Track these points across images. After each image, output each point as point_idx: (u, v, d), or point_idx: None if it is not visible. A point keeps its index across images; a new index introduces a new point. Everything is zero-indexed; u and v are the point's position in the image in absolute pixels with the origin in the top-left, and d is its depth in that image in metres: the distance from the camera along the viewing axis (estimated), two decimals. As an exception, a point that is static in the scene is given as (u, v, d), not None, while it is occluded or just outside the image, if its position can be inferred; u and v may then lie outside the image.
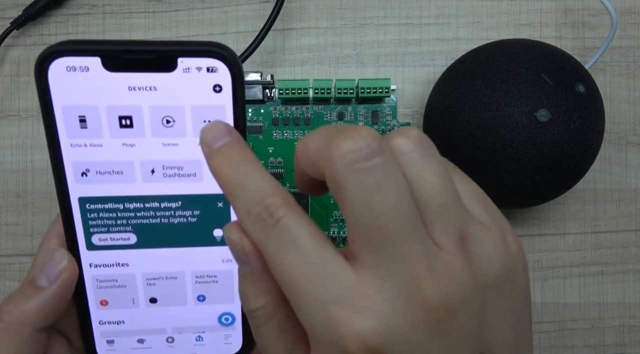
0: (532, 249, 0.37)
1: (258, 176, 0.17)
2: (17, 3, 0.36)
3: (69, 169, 0.21)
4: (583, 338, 0.37)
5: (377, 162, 0.16)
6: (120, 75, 0.20)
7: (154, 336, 0.24)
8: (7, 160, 0.36)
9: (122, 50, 0.20)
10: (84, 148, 0.21)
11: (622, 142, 0.36)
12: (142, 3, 0.36)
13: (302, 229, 0.16)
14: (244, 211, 0.17)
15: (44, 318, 0.21)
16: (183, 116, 0.21)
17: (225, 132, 0.18)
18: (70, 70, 0.20)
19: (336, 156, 0.16)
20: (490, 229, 0.18)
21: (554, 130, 0.28)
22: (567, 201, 0.37)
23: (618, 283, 0.37)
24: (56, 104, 0.20)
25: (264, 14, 0.36)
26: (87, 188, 0.22)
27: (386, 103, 0.36)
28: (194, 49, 0.20)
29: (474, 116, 0.29)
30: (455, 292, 0.16)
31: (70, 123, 0.20)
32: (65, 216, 0.22)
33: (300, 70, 0.37)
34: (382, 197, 0.16)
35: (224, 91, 0.20)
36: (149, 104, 0.20)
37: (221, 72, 0.20)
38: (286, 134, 0.36)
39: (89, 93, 0.20)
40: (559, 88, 0.28)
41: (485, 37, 0.36)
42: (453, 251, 0.16)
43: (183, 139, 0.21)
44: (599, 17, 0.36)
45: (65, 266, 0.22)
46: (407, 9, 0.36)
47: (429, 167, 0.17)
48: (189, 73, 0.20)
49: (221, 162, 0.18)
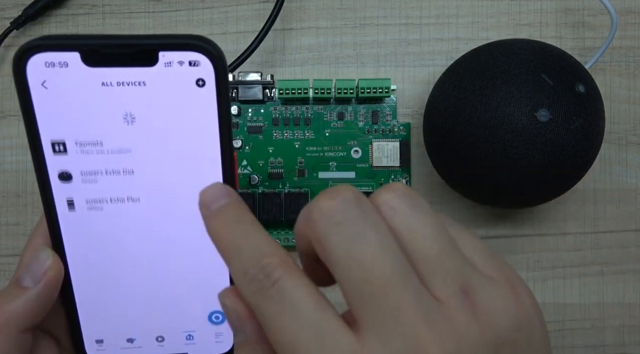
0: (532, 249, 0.37)
1: (255, 235, 0.17)
2: (17, 3, 0.36)
3: (52, 169, 0.21)
4: (583, 338, 0.37)
5: (355, 213, 0.15)
6: (100, 70, 0.19)
7: (144, 335, 0.24)
8: (7, 160, 0.36)
9: (101, 44, 0.19)
10: None
11: (622, 142, 0.36)
12: (142, 3, 0.36)
13: (301, 290, 0.16)
14: (240, 273, 0.16)
15: (29, 318, 0.21)
16: (166, 112, 0.20)
17: (224, 193, 0.18)
18: (49, 66, 0.19)
19: (315, 214, 0.16)
20: (497, 281, 0.17)
21: (554, 130, 0.28)
22: (567, 201, 0.37)
23: (618, 283, 0.37)
24: (36, 101, 0.20)
25: (264, 14, 0.36)
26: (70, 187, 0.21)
27: (386, 103, 0.36)
28: (176, 43, 0.19)
29: (474, 116, 0.29)
30: (463, 350, 0.15)
31: (50, 123, 0.20)
32: (49, 215, 0.22)
33: (300, 70, 0.37)
34: (364, 245, 0.15)
35: (207, 85, 0.20)
36: (130, 99, 0.20)
37: (204, 65, 0.20)
38: (286, 134, 0.36)
39: (69, 89, 0.20)
40: (559, 88, 0.28)
41: (485, 37, 0.36)
42: (455, 304, 0.15)
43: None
44: (599, 17, 0.36)
45: (50, 265, 0.21)
46: (407, 9, 0.36)
47: (419, 218, 0.16)
48: (171, 67, 0.20)
49: (219, 224, 0.17)
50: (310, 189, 0.36)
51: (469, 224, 0.37)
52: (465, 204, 0.37)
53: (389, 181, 0.36)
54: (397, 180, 0.36)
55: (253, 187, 0.36)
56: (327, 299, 0.16)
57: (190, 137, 0.21)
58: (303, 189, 0.36)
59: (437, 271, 0.16)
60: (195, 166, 0.21)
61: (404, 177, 0.36)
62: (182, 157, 0.21)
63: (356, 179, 0.36)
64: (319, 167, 0.36)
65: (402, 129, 0.36)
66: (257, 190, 0.36)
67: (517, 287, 0.17)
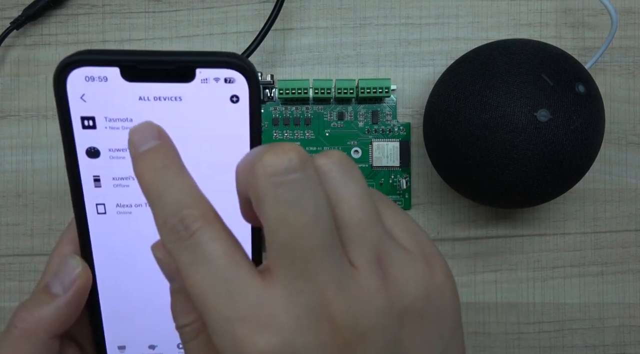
0: (532, 249, 0.37)
1: (178, 185, 0.17)
2: (17, 3, 0.36)
3: (85, 174, 0.21)
4: (583, 338, 0.37)
5: (297, 176, 0.15)
6: (139, 85, 0.20)
7: (165, 342, 0.24)
8: (7, 160, 0.36)
9: (140, 60, 0.20)
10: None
11: (622, 142, 0.36)
12: (142, 3, 0.36)
13: (216, 244, 0.16)
14: (161, 222, 0.17)
15: (58, 325, 0.21)
16: (200, 126, 0.21)
17: (155, 134, 0.18)
18: (89, 80, 0.20)
19: (258, 168, 0.16)
20: (412, 254, 0.17)
21: (554, 130, 0.28)
22: (567, 201, 0.37)
23: (618, 283, 0.37)
24: (74, 114, 0.20)
25: (264, 14, 0.36)
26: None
27: (386, 103, 0.36)
28: (213, 60, 0.20)
29: (474, 116, 0.29)
30: (366, 314, 0.16)
31: (87, 133, 0.20)
32: (80, 223, 0.22)
33: (300, 70, 0.37)
34: (299, 212, 0.15)
35: (241, 101, 0.20)
36: (167, 114, 0.20)
37: (239, 83, 0.20)
38: (286, 134, 0.36)
39: (107, 103, 0.20)
40: (559, 88, 0.28)
41: (485, 37, 0.36)
42: (367, 271, 0.16)
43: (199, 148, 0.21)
44: (599, 17, 0.36)
45: (79, 273, 0.22)
46: (407, 9, 0.36)
47: (348, 187, 0.17)
48: (207, 83, 0.20)
49: (144, 168, 0.17)
50: (310, 189, 0.36)
51: (469, 224, 0.37)
52: (465, 204, 0.37)
53: (389, 181, 0.36)
54: (397, 180, 0.36)
55: (253, 187, 0.36)
56: (243, 253, 0.16)
57: (222, 150, 0.21)
58: (303, 189, 0.36)
59: (356, 239, 0.16)
60: (225, 178, 0.22)
61: (404, 177, 0.36)
62: (213, 168, 0.21)
63: (356, 179, 0.36)
64: (319, 167, 0.36)
65: (402, 129, 0.36)
66: (257, 190, 0.36)
67: (432, 260, 0.18)
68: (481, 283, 0.37)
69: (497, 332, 0.37)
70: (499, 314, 0.37)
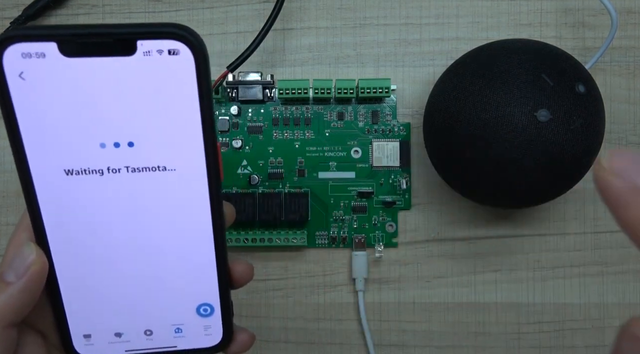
0: (532, 249, 0.37)
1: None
2: (17, 3, 0.36)
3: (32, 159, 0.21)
4: (583, 338, 0.37)
5: None
6: (78, 60, 0.19)
7: (132, 329, 0.24)
8: (7, 160, 0.36)
9: (77, 34, 0.19)
10: None
11: (622, 142, 0.36)
12: (142, 3, 0.36)
13: None
14: None
15: (12, 313, 0.21)
16: (144, 100, 0.20)
17: None
18: (26, 56, 0.19)
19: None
20: None
21: (554, 130, 0.28)
22: (567, 201, 0.37)
23: (618, 283, 0.37)
24: (13, 92, 0.19)
25: (264, 14, 0.36)
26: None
27: (386, 103, 0.36)
28: (153, 31, 0.19)
29: (474, 116, 0.29)
30: None
31: (28, 111, 0.20)
32: (30, 206, 0.21)
33: (300, 70, 0.37)
34: None
35: (188, 74, 0.20)
36: (109, 90, 0.20)
37: (184, 54, 0.19)
38: (286, 134, 0.36)
39: (46, 80, 0.19)
40: (559, 88, 0.28)
41: (485, 37, 0.36)
42: None
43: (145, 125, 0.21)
44: (599, 17, 0.36)
45: (33, 259, 0.21)
46: (407, 9, 0.36)
47: None
48: (150, 56, 0.19)
49: None
50: (310, 189, 0.36)
51: (469, 224, 0.37)
52: (465, 204, 0.37)
53: (389, 181, 0.36)
54: (397, 180, 0.36)
55: (253, 187, 0.36)
56: None
57: (171, 127, 0.21)
58: (303, 189, 0.36)
59: None
60: (178, 154, 0.21)
61: (404, 177, 0.36)
62: (164, 145, 0.21)
63: (356, 179, 0.36)
64: (319, 167, 0.36)
65: (402, 129, 0.36)
66: (257, 190, 0.36)
67: None
68: (481, 283, 0.37)
69: (497, 332, 0.37)
70: (499, 314, 0.37)
